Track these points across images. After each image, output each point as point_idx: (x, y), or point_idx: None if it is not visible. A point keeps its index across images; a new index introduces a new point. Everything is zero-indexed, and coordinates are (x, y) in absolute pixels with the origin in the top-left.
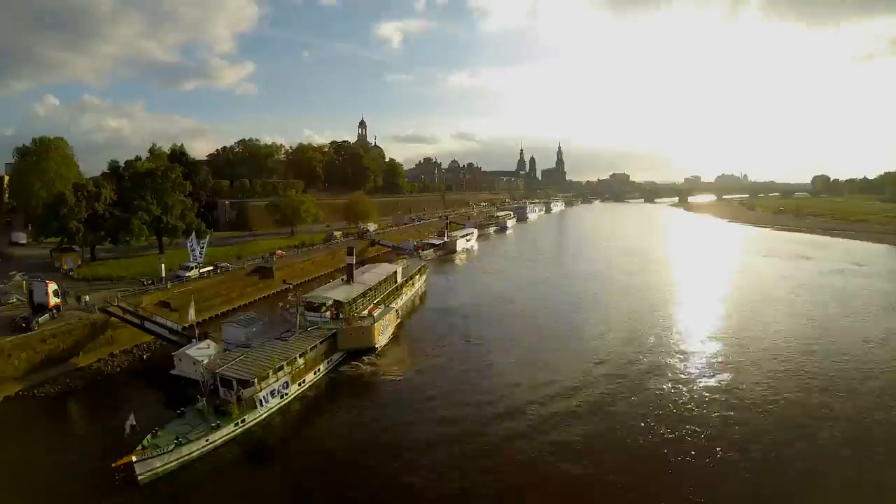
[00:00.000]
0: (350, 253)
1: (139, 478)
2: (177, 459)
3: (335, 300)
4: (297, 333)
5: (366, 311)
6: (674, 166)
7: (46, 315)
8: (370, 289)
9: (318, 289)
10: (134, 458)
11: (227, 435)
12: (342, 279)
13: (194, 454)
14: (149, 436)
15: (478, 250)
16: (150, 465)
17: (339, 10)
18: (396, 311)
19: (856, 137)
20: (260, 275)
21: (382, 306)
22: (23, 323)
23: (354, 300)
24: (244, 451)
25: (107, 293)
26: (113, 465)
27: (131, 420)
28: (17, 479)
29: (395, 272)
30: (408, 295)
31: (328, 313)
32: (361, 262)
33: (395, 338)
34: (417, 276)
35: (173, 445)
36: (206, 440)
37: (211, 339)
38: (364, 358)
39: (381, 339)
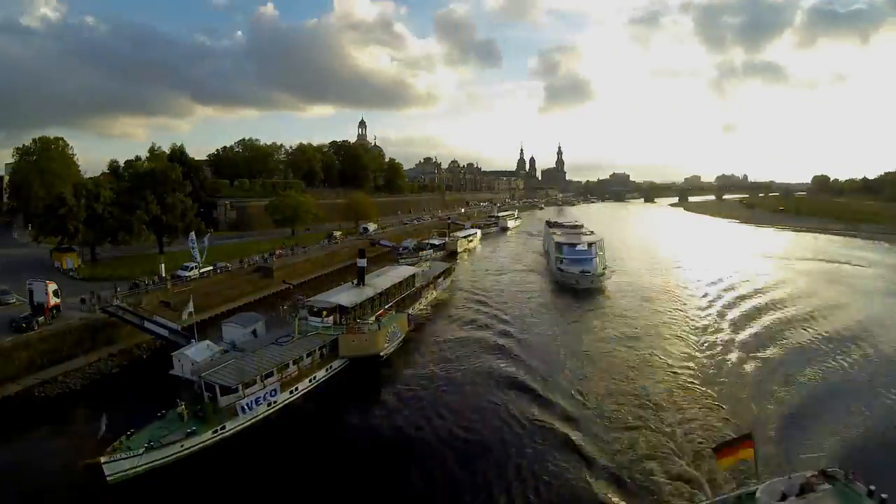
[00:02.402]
0: (362, 255)
1: (108, 478)
2: (147, 463)
3: (339, 304)
4: (295, 338)
5: (373, 317)
6: (674, 166)
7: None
8: (381, 293)
9: (323, 292)
10: (102, 459)
11: (203, 441)
12: (353, 282)
13: (167, 459)
14: (123, 437)
15: (481, 252)
16: (119, 466)
17: None
18: (409, 316)
19: (856, 137)
20: (260, 274)
21: (393, 312)
22: (23, 323)
23: (361, 305)
24: (221, 459)
25: (107, 293)
26: (81, 463)
27: (104, 420)
28: (16, 479)
29: (413, 275)
30: (428, 300)
31: (330, 318)
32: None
33: (407, 345)
34: (441, 279)
35: (144, 449)
36: (181, 445)
37: (211, 339)
38: (368, 366)
39: (388, 347)
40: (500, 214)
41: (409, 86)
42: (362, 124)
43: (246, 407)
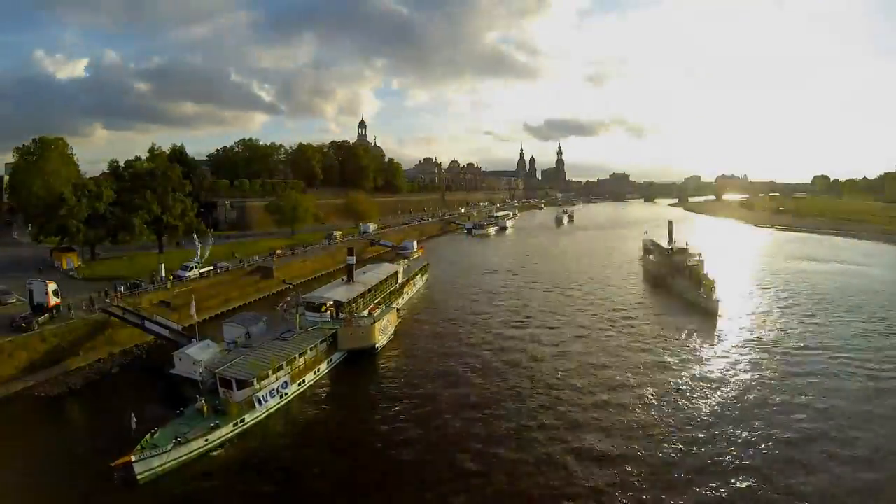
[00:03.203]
0: (350, 253)
1: (138, 477)
2: (175, 459)
3: (335, 300)
4: (296, 333)
5: (366, 311)
6: (674, 166)
7: (46, 315)
8: (371, 289)
9: (318, 289)
10: (133, 458)
11: (226, 434)
12: (342, 279)
13: (193, 454)
14: (147, 435)
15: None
16: (148, 464)
17: None
18: (397, 310)
19: (856, 137)
20: (260, 275)
21: (383, 306)
22: (23, 323)
23: (354, 300)
24: (243, 451)
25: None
26: (111, 464)
27: (132, 420)
28: (17, 479)
29: (397, 272)
30: (409, 294)
31: (328, 313)
32: (361, 263)
33: (397, 337)
34: (420, 276)
35: (172, 445)
36: (205, 440)
37: (211, 338)
38: (364, 358)
39: (382, 339)
40: (499, 214)
41: None
42: (362, 124)
43: (262, 399)
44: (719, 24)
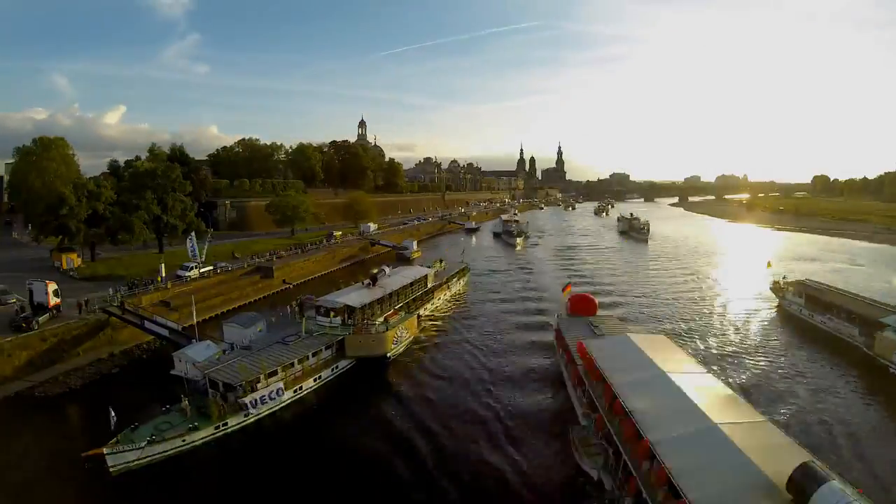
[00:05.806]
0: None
1: (111, 469)
2: (149, 456)
3: (346, 304)
4: (300, 338)
5: (381, 318)
6: (674, 166)
7: (46, 315)
8: (391, 293)
9: (333, 292)
10: (105, 451)
11: (205, 437)
12: (363, 282)
13: (168, 452)
14: (127, 429)
15: None
16: (122, 458)
17: None
18: (418, 317)
19: (856, 137)
20: (260, 275)
21: (403, 312)
22: (23, 323)
23: (370, 305)
24: (224, 454)
25: (97, 296)
26: (83, 454)
27: (112, 415)
28: (16, 479)
29: (426, 276)
30: (441, 300)
31: (338, 318)
32: (360, 263)
33: (415, 347)
34: (455, 280)
35: (146, 442)
36: (183, 440)
37: (211, 339)
38: (375, 367)
39: (395, 348)
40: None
41: None
42: (362, 124)
43: (250, 404)
44: (718, 24)
